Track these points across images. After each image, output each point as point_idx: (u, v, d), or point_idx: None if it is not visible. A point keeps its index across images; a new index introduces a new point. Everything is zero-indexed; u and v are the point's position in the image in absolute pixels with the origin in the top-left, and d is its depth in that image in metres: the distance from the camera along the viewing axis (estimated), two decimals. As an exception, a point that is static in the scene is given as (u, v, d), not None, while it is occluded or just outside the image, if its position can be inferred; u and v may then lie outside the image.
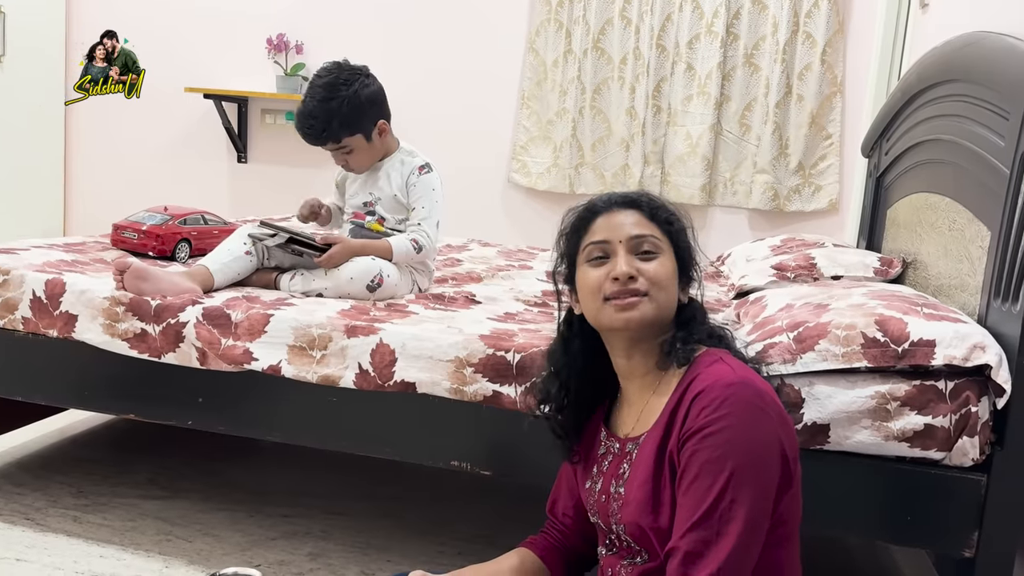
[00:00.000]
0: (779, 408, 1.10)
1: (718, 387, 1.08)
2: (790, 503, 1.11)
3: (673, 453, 1.10)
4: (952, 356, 1.41)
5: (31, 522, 2.00)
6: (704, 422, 1.06)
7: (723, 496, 1.03)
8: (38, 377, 1.91)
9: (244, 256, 2.03)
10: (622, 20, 3.62)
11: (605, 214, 1.20)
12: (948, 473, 1.44)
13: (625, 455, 1.20)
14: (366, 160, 2.12)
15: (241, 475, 2.38)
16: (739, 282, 2.27)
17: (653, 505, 1.12)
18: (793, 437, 1.11)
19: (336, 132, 2.04)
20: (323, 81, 2.04)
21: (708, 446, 1.05)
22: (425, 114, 3.80)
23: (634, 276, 1.14)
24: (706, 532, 1.03)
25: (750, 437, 1.05)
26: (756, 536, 1.05)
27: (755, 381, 1.11)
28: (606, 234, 1.18)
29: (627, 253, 1.16)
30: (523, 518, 1.44)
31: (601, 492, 1.22)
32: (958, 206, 1.84)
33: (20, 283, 1.89)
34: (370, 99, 2.06)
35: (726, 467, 1.04)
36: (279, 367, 1.72)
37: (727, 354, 1.17)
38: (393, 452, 1.74)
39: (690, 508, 1.05)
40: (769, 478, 1.06)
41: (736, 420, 1.05)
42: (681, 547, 1.04)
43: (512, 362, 1.62)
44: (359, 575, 1.86)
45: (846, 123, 3.50)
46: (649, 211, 1.20)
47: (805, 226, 3.53)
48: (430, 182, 2.13)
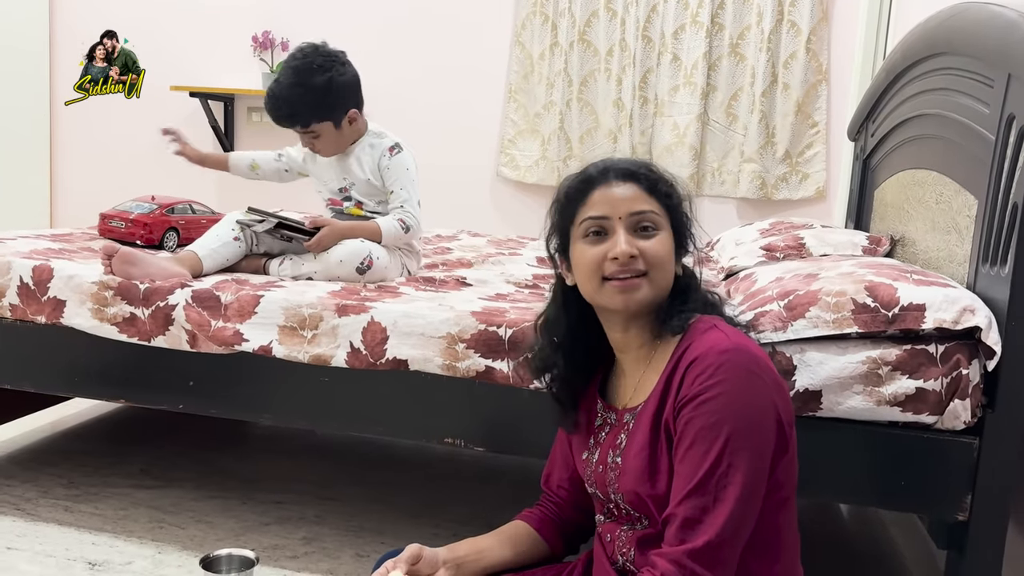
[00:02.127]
0: (774, 373, 1.10)
1: (712, 354, 1.07)
2: (787, 468, 1.10)
3: (669, 421, 1.10)
4: (942, 320, 1.42)
5: (21, 512, 1.99)
6: (699, 389, 1.06)
7: (720, 461, 1.03)
8: (27, 364, 1.90)
9: (232, 242, 2.02)
10: (607, 12, 3.63)
11: (602, 186, 1.16)
12: (940, 437, 1.45)
13: (622, 426, 1.19)
14: (332, 146, 2.10)
15: (233, 464, 2.36)
16: (728, 263, 2.27)
17: (650, 473, 1.12)
18: (788, 402, 1.11)
19: (304, 118, 2.02)
20: (297, 64, 2.01)
21: (703, 412, 1.05)
22: (412, 109, 3.80)
23: (635, 255, 1.12)
24: (703, 498, 1.03)
25: (745, 402, 1.05)
26: (753, 501, 1.04)
27: (750, 347, 1.10)
28: (604, 209, 1.14)
29: (626, 231, 1.13)
30: (517, 499, 1.43)
31: (598, 463, 1.22)
32: (945, 179, 1.85)
33: (7, 270, 1.88)
34: (342, 87, 2.04)
35: (722, 432, 1.03)
36: (270, 348, 1.72)
37: (721, 321, 1.17)
38: (386, 431, 1.74)
39: (687, 475, 1.05)
40: (765, 443, 1.06)
41: (731, 386, 1.05)
42: (679, 514, 1.04)
43: (504, 337, 1.62)
44: (354, 557, 1.85)
45: (832, 110, 3.53)
46: (648, 184, 1.16)
47: (793, 214, 3.54)
48: (403, 161, 2.11)
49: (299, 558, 1.84)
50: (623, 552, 1.18)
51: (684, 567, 1.01)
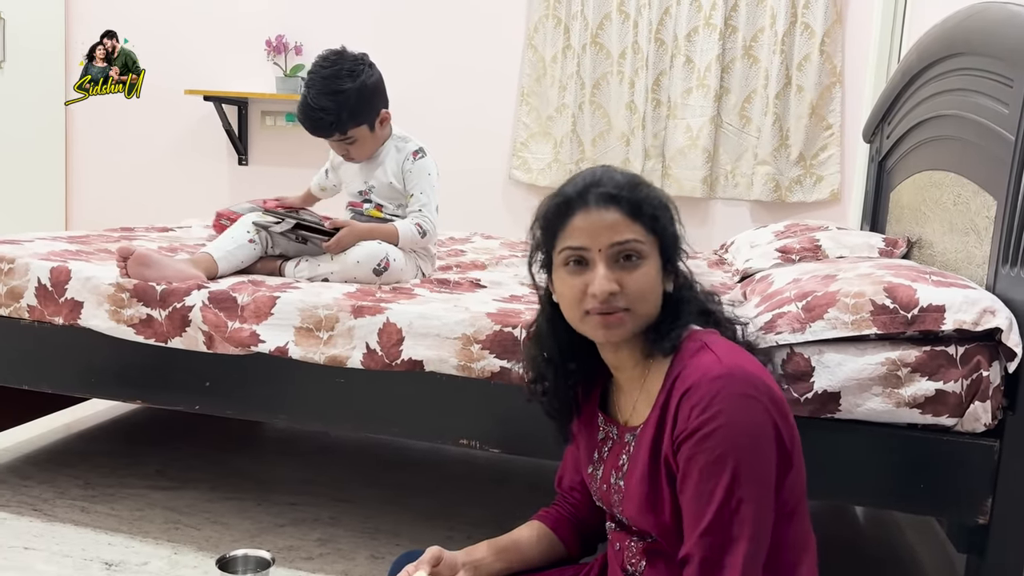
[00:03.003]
0: (770, 390, 1.06)
1: (705, 382, 1.04)
2: (792, 484, 1.08)
3: (669, 455, 1.07)
4: (962, 321, 1.41)
5: (39, 512, 1.99)
6: (697, 424, 1.03)
7: (729, 498, 1.01)
8: (44, 365, 1.91)
9: (248, 244, 2.02)
10: (620, 14, 3.63)
11: (582, 211, 1.08)
12: (960, 439, 1.44)
13: (624, 445, 1.17)
14: (368, 149, 2.12)
15: (248, 465, 2.37)
16: (743, 266, 2.27)
17: (652, 504, 1.10)
18: (788, 417, 1.07)
19: (344, 124, 2.03)
20: (327, 72, 2.02)
21: (705, 449, 1.02)
22: (425, 112, 3.81)
23: (615, 292, 1.06)
24: (718, 537, 1.01)
25: (745, 431, 1.02)
26: (765, 528, 1.03)
27: (743, 366, 1.06)
28: (583, 239, 1.08)
29: (606, 264, 1.07)
30: (531, 502, 1.43)
31: (602, 481, 1.21)
32: (963, 180, 1.83)
33: (25, 271, 1.89)
34: (373, 90, 2.06)
35: (727, 467, 1.01)
36: (286, 348, 1.72)
37: (713, 335, 1.13)
38: (401, 432, 1.74)
39: (697, 513, 1.03)
40: (770, 467, 1.04)
41: (729, 416, 1.02)
42: (696, 554, 1.02)
43: (519, 338, 1.61)
44: (369, 559, 1.85)
45: (846, 113, 3.51)
46: (631, 208, 1.08)
47: (807, 217, 3.51)
48: (425, 167, 2.13)
49: (314, 559, 1.84)
50: (632, 563, 1.17)
51: None
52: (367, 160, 2.15)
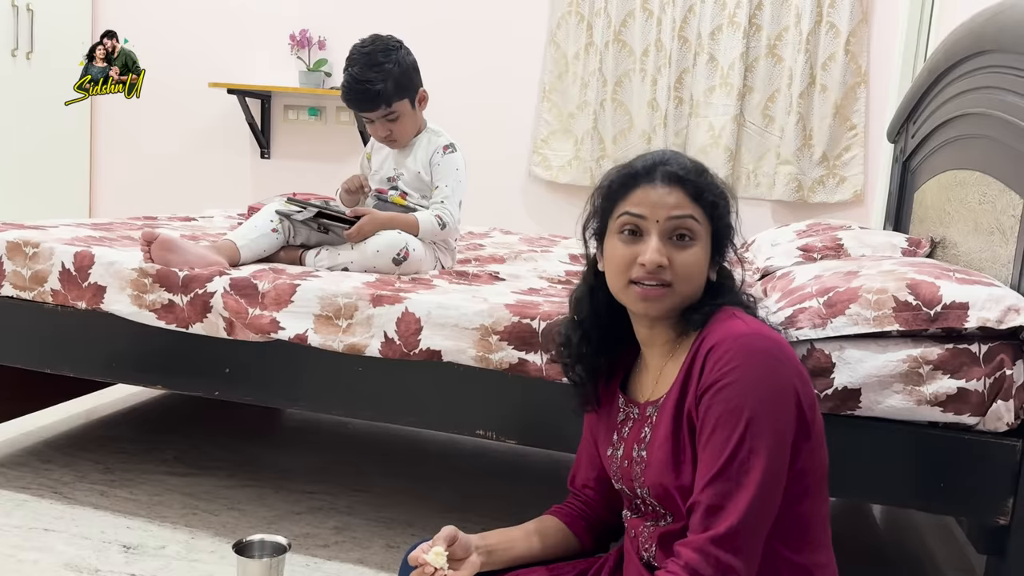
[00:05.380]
0: (793, 358, 1.08)
1: (730, 339, 1.07)
2: (809, 455, 1.09)
3: (691, 410, 1.09)
4: (986, 319, 1.39)
5: (59, 495, 2.02)
6: (718, 375, 1.05)
7: (741, 446, 1.02)
8: (66, 349, 1.93)
9: (270, 233, 2.04)
10: (644, 12, 3.62)
11: (646, 185, 1.13)
12: (982, 438, 1.42)
13: (646, 419, 1.19)
14: (410, 129, 2.13)
15: (265, 454, 2.39)
16: (764, 263, 2.25)
17: (675, 464, 1.11)
18: (809, 386, 1.10)
19: (390, 95, 2.05)
20: (368, 49, 2.05)
21: (723, 398, 1.04)
22: (446, 107, 3.79)
23: (664, 265, 1.10)
24: (725, 484, 1.02)
25: (764, 386, 1.04)
26: (775, 485, 1.03)
27: (768, 332, 1.10)
28: (643, 208, 1.12)
29: (660, 237, 1.11)
30: (545, 496, 1.43)
31: (623, 457, 1.21)
32: (989, 179, 1.82)
33: (49, 255, 1.91)
34: (411, 66, 2.11)
35: (742, 417, 1.02)
36: (305, 336, 1.73)
37: (740, 311, 1.15)
38: (418, 421, 1.74)
39: (709, 461, 1.04)
40: (786, 426, 1.05)
41: (749, 370, 1.04)
42: (702, 501, 1.03)
43: (537, 330, 1.61)
44: (384, 547, 1.86)
45: (871, 113, 3.48)
46: (694, 191, 1.13)
47: (830, 217, 3.49)
48: (454, 162, 2.14)
49: (330, 547, 1.85)
50: (646, 548, 1.18)
51: (707, 554, 1.01)
52: (401, 148, 2.16)
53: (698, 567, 1.01)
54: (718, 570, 1.00)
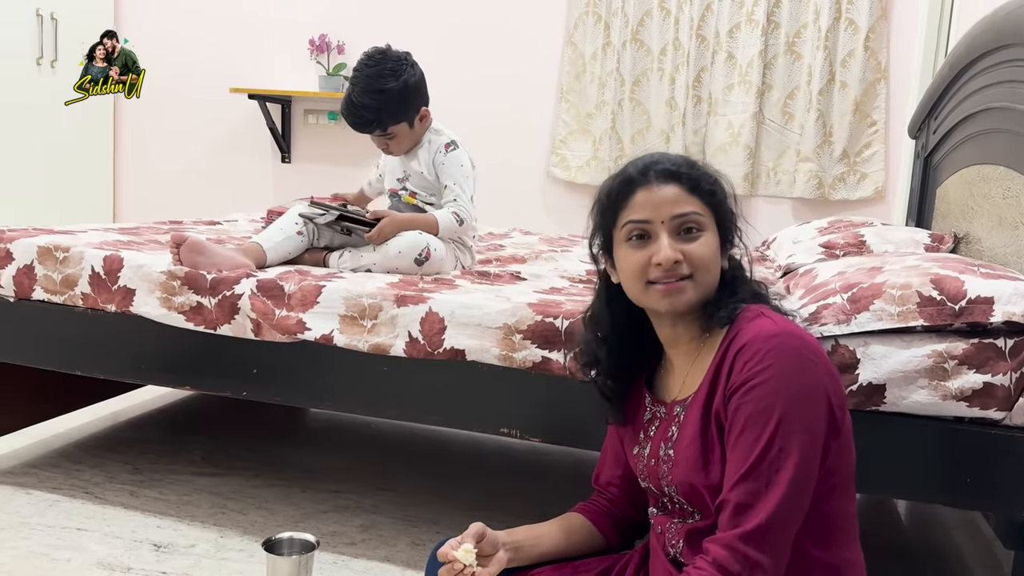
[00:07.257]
0: (823, 357, 1.09)
1: (760, 339, 1.07)
2: (838, 454, 1.09)
3: (720, 410, 1.10)
4: (1011, 313, 1.38)
5: (90, 496, 2.05)
6: (748, 375, 1.06)
7: (771, 445, 1.02)
8: (96, 352, 1.96)
9: (296, 236, 2.06)
10: (661, 11, 3.62)
11: (644, 188, 1.15)
12: (1008, 433, 1.41)
13: (673, 418, 1.19)
14: (406, 145, 2.16)
15: (291, 454, 2.41)
16: (786, 261, 2.25)
17: (703, 462, 1.12)
18: (839, 385, 1.10)
19: (384, 122, 2.08)
20: (370, 71, 2.06)
21: (754, 398, 1.05)
22: (464, 109, 3.83)
23: (679, 260, 1.12)
24: (755, 483, 1.02)
25: (795, 385, 1.05)
26: (806, 484, 1.04)
27: (798, 331, 1.10)
28: (646, 212, 1.14)
29: (669, 235, 1.13)
30: (570, 494, 1.44)
31: (650, 456, 1.22)
32: (1013, 173, 1.81)
33: (79, 260, 1.94)
34: (414, 88, 2.10)
35: (773, 416, 1.03)
36: (331, 336, 1.75)
37: (768, 309, 1.16)
38: (443, 420, 1.76)
39: (739, 461, 1.04)
40: (817, 425, 1.05)
41: (780, 370, 1.05)
42: (731, 499, 1.04)
43: (561, 328, 1.62)
44: (410, 545, 1.87)
45: (891, 109, 3.47)
46: (690, 183, 1.15)
47: (851, 214, 3.49)
48: (457, 158, 2.16)
49: (356, 544, 1.87)
50: (672, 544, 1.18)
51: (736, 551, 1.01)
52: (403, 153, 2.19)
53: (726, 563, 1.01)
54: (746, 567, 1.01)
